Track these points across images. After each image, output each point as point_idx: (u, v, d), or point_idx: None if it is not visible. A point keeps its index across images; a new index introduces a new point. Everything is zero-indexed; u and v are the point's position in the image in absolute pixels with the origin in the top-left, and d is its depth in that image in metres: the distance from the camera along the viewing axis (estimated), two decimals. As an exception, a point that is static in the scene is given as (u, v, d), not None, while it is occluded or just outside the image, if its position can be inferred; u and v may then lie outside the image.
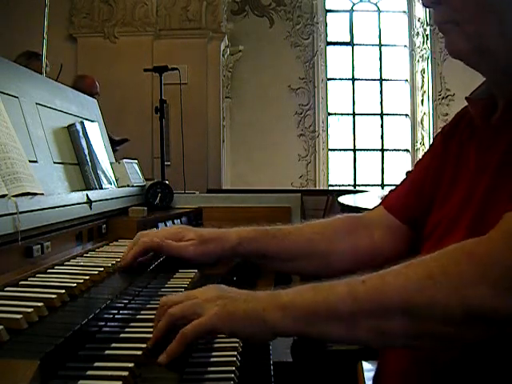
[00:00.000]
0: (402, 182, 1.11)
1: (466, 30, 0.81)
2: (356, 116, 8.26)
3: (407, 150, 8.05)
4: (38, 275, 0.98)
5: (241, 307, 0.74)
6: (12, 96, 1.36)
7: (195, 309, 0.76)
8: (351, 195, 4.54)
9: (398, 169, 7.76)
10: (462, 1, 0.81)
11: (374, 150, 8.24)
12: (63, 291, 0.85)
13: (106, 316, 0.89)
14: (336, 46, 8.21)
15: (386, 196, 1.12)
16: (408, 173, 1.12)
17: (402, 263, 0.71)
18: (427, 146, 7.34)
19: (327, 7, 8.08)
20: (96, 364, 0.72)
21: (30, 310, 0.73)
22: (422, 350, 0.75)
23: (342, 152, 8.26)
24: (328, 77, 8.09)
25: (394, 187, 1.13)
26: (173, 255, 1.08)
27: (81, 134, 1.72)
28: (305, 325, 0.71)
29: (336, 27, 8.22)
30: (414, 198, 1.03)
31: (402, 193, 1.08)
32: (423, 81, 7.96)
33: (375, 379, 0.98)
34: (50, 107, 1.61)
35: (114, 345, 0.80)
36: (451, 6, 0.82)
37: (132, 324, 0.92)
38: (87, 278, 0.97)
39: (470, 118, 0.93)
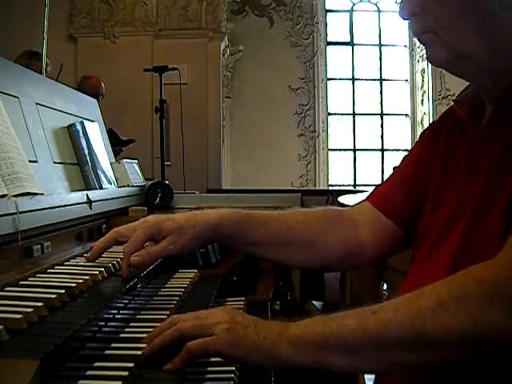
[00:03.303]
0: (388, 178, 1.09)
1: (446, 38, 0.81)
2: (356, 116, 8.26)
3: (407, 150, 8.00)
4: (38, 275, 0.98)
5: (250, 337, 0.73)
6: (12, 96, 1.36)
7: (205, 330, 0.75)
8: (351, 195, 4.54)
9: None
10: (438, 8, 0.81)
11: (373, 150, 8.25)
12: (63, 291, 0.85)
13: (105, 316, 0.89)
14: (336, 46, 8.21)
15: (373, 192, 1.10)
16: (395, 168, 1.09)
17: (414, 291, 0.70)
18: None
19: (327, 7, 8.08)
20: (96, 364, 0.72)
21: (29, 309, 0.73)
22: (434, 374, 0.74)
23: (342, 152, 8.26)
24: (328, 77, 8.08)
25: (382, 181, 1.10)
26: (156, 260, 1.05)
27: (81, 134, 1.73)
28: (314, 358, 0.71)
29: (336, 27, 8.21)
30: (404, 195, 1.02)
31: (391, 189, 1.05)
32: (423, 81, 7.96)
33: (376, 381, 0.98)
34: (50, 107, 1.61)
35: (113, 345, 0.80)
36: (429, 15, 0.82)
37: (132, 324, 0.92)
38: (87, 277, 0.97)
39: (458, 117, 0.92)
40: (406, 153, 1.12)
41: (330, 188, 7.69)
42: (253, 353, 0.73)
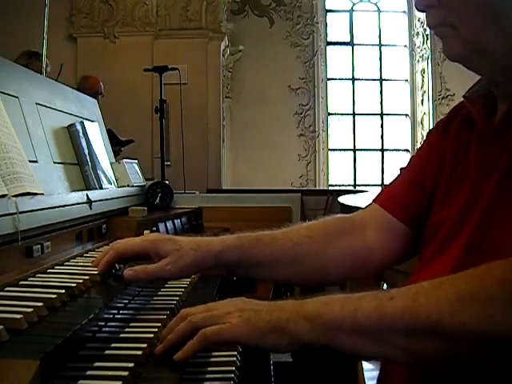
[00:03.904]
0: (395, 179, 1.07)
1: (463, 32, 0.79)
2: (356, 116, 8.26)
3: (407, 150, 8.05)
4: (38, 275, 0.98)
5: (264, 319, 0.73)
6: (12, 96, 1.36)
7: (217, 320, 0.75)
8: (351, 195, 4.54)
9: (398, 169, 7.75)
10: (457, 2, 0.79)
11: (374, 150, 8.25)
12: (63, 291, 0.85)
13: (105, 316, 0.89)
14: (336, 46, 8.21)
15: (380, 193, 1.07)
16: (402, 169, 1.07)
17: (432, 280, 0.69)
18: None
19: (327, 7, 8.08)
20: (96, 364, 0.72)
21: (29, 309, 0.73)
22: (449, 369, 0.74)
23: (342, 152, 8.26)
24: (328, 77, 8.09)
25: (389, 183, 1.08)
26: (152, 279, 1.01)
27: (81, 134, 1.73)
28: (330, 337, 0.71)
29: (336, 27, 8.22)
30: (415, 194, 0.99)
31: (400, 190, 1.03)
32: (423, 81, 7.96)
33: (379, 380, 0.97)
34: (50, 107, 1.61)
35: (113, 345, 0.80)
36: (446, 8, 0.80)
37: (132, 324, 0.91)
38: (87, 278, 0.97)
39: (467, 113, 0.91)
40: (406, 153, 1.12)
41: (330, 188, 7.69)
42: (268, 334, 0.73)
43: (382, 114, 8.22)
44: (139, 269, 0.98)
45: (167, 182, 2.48)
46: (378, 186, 8.00)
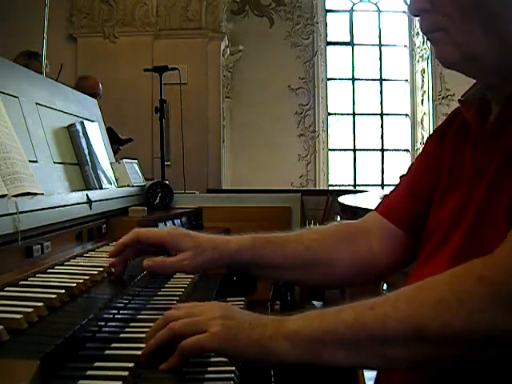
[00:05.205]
0: (396, 187, 1.08)
1: (456, 37, 0.79)
2: (356, 116, 8.26)
3: (407, 150, 8.05)
4: (38, 275, 0.98)
5: (245, 332, 0.73)
6: (12, 96, 1.36)
7: (198, 327, 0.75)
8: (351, 195, 4.54)
9: (398, 169, 7.77)
10: (449, 6, 0.79)
11: (374, 150, 8.25)
12: (63, 291, 0.85)
13: (105, 316, 0.89)
14: (336, 46, 8.21)
15: (381, 202, 1.09)
16: (402, 177, 1.09)
17: (411, 285, 0.69)
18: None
19: (327, 7, 8.08)
20: (96, 364, 0.72)
21: (29, 309, 0.73)
22: (436, 371, 0.74)
23: (342, 152, 8.26)
24: (328, 77, 8.09)
25: (389, 191, 1.10)
26: (168, 272, 1.06)
27: (81, 134, 1.73)
28: (312, 354, 0.71)
29: (336, 27, 8.22)
30: (412, 203, 1.01)
31: (399, 198, 1.05)
32: (423, 81, 7.96)
33: (377, 380, 0.97)
34: (50, 107, 1.61)
35: (114, 345, 0.80)
36: (440, 12, 0.80)
37: (132, 324, 0.91)
38: (87, 277, 0.97)
39: (463, 118, 0.91)
40: (406, 153, 1.12)
41: (330, 188, 7.69)
42: (248, 348, 0.72)
43: (382, 114, 8.22)
44: (158, 260, 1.01)
45: (167, 182, 2.48)
46: (378, 186, 8.00)
